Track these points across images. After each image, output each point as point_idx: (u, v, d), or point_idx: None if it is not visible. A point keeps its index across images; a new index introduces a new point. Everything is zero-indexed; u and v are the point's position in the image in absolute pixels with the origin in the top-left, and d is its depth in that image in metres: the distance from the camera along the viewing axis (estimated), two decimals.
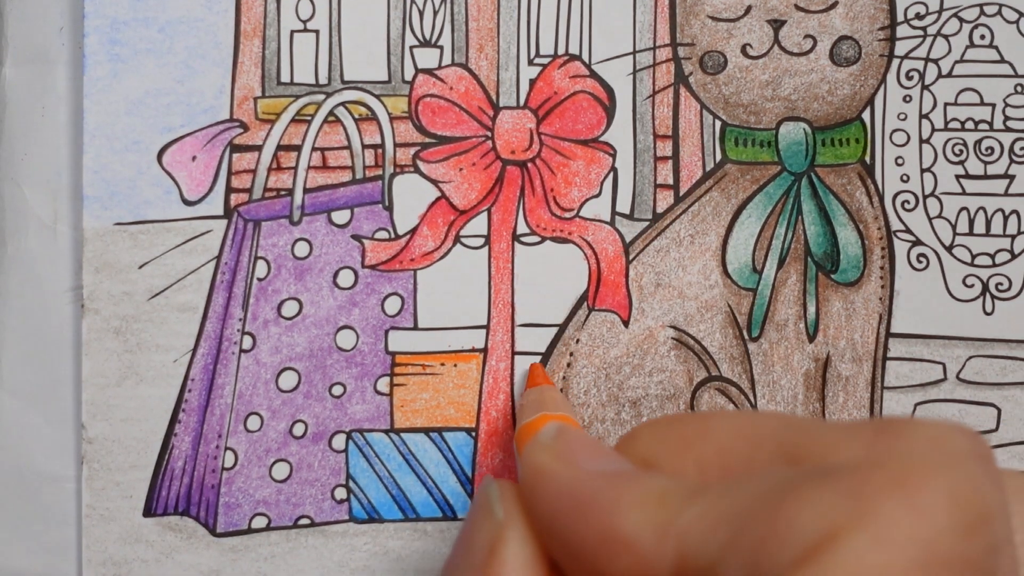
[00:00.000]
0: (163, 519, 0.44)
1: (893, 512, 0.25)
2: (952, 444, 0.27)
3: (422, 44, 0.45)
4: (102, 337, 0.43)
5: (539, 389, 0.43)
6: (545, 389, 0.43)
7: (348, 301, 0.44)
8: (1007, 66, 0.46)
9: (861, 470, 0.26)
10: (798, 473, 0.27)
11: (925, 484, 0.25)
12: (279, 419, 0.44)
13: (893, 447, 0.27)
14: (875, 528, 0.25)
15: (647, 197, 0.46)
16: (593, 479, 0.30)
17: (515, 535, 0.31)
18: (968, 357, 0.46)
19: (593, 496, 0.29)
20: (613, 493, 0.29)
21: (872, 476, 0.26)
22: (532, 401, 0.41)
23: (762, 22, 0.45)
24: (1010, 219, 0.46)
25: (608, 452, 0.32)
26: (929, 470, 0.26)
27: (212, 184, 0.44)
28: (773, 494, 0.27)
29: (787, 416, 0.31)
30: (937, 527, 0.25)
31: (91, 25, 0.43)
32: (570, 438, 0.32)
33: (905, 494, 0.25)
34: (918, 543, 0.25)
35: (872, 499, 0.25)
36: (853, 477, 0.26)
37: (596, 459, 0.31)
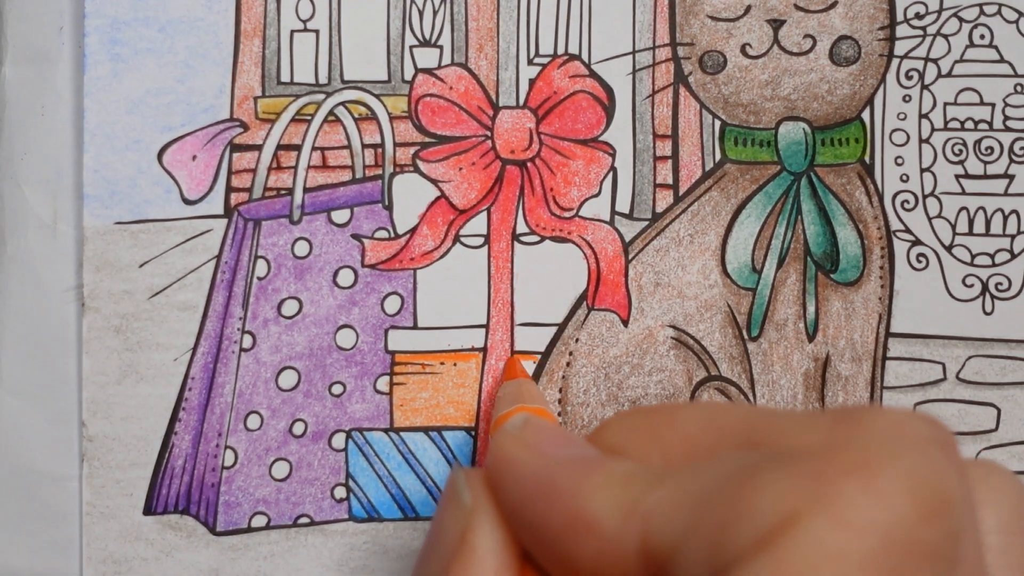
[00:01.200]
0: (163, 517, 0.44)
1: (853, 496, 0.25)
2: (913, 430, 0.27)
3: (422, 44, 0.45)
4: (102, 336, 0.43)
5: (516, 382, 0.43)
6: (522, 382, 0.43)
7: (348, 300, 0.45)
8: (1007, 66, 0.46)
9: (821, 454, 0.26)
10: (759, 457, 0.27)
11: (885, 468, 0.25)
12: (279, 418, 0.44)
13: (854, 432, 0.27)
14: (834, 511, 0.25)
15: (646, 197, 0.46)
16: (558, 465, 0.30)
17: (484, 521, 0.31)
18: (968, 357, 0.46)
19: (558, 481, 0.29)
20: (578, 477, 0.29)
21: (832, 460, 0.26)
22: (509, 394, 0.41)
23: (762, 22, 0.45)
24: (1010, 219, 0.46)
25: (575, 440, 0.32)
26: (890, 454, 0.26)
27: (212, 183, 0.44)
28: (734, 477, 0.27)
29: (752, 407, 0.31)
30: (897, 512, 0.25)
31: (91, 25, 0.43)
32: (537, 427, 0.32)
33: (865, 478, 0.25)
34: (878, 527, 0.25)
35: (832, 482, 0.25)
36: (813, 461, 0.26)
37: (562, 447, 0.31)
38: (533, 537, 0.30)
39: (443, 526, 0.32)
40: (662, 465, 0.30)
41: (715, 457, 0.28)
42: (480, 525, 0.31)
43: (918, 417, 0.28)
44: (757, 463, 0.27)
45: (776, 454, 0.27)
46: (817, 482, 0.25)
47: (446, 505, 0.32)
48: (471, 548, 0.30)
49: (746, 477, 0.26)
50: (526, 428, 0.32)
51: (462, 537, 0.31)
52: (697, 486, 0.27)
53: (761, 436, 0.29)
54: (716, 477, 0.27)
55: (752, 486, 0.26)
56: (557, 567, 0.30)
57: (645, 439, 0.31)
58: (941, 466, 0.26)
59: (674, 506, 0.27)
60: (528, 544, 0.30)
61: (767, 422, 0.29)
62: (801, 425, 0.28)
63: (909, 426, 0.27)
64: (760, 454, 0.27)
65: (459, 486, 0.32)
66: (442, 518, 0.32)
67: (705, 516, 0.26)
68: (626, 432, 0.31)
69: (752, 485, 0.26)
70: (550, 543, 0.29)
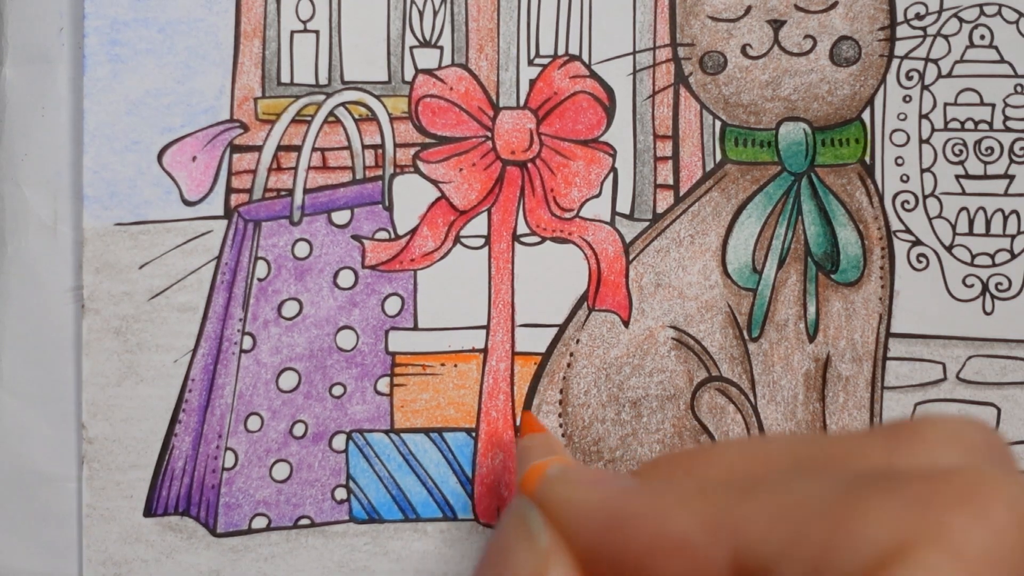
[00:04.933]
0: (163, 519, 0.44)
1: (964, 527, 0.25)
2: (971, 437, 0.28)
3: (422, 44, 0.45)
4: (102, 337, 0.43)
5: (543, 436, 0.42)
6: (548, 436, 0.42)
7: (348, 301, 0.45)
8: (1007, 66, 0.46)
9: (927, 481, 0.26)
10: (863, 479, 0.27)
11: (993, 499, 0.26)
12: (279, 419, 0.44)
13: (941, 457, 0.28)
14: (947, 542, 0.25)
15: (647, 197, 0.46)
16: (624, 494, 0.30)
17: (560, 561, 0.31)
18: (968, 357, 0.46)
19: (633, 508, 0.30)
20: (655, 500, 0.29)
21: (940, 488, 0.26)
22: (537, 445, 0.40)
23: (762, 22, 0.45)
24: (1010, 219, 0.46)
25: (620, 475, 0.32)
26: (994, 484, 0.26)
27: (212, 184, 0.44)
28: (838, 498, 0.27)
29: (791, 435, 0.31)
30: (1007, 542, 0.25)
31: (91, 25, 0.43)
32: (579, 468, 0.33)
33: (975, 509, 0.26)
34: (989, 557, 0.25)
35: (942, 512, 0.26)
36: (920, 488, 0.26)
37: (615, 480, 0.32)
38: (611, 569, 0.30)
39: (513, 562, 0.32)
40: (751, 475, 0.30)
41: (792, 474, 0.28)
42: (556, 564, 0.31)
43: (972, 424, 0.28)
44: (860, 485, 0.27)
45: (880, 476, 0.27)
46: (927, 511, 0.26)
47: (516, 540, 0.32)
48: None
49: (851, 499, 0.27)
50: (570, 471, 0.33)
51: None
52: (794, 501, 0.27)
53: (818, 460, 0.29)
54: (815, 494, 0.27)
55: (859, 511, 0.26)
56: None
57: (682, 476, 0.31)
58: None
59: (769, 520, 0.27)
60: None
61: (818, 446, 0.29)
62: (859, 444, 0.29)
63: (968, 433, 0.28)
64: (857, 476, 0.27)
65: (532, 525, 0.32)
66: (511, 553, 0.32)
67: (806, 536, 0.26)
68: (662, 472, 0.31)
69: (859, 509, 0.26)
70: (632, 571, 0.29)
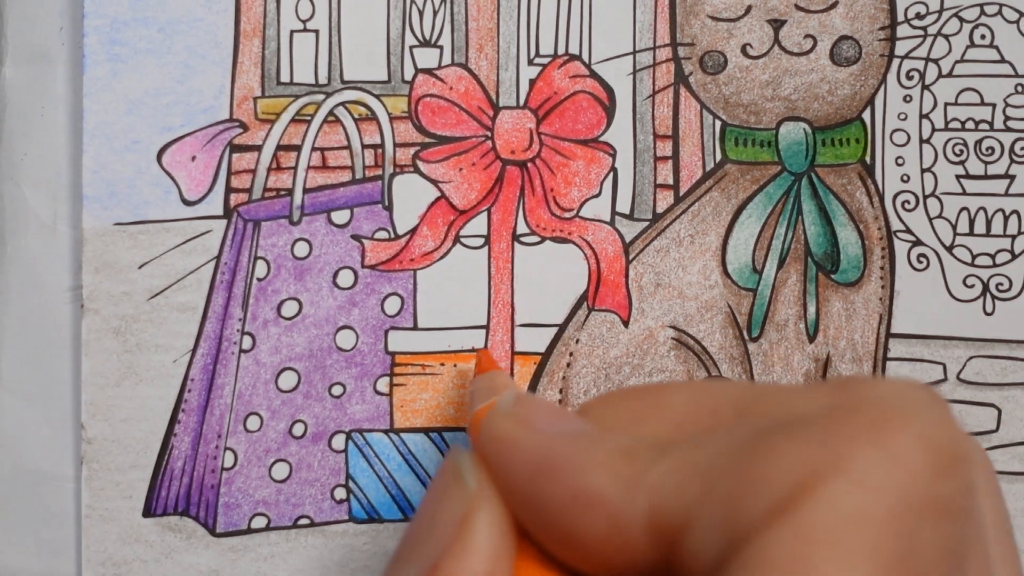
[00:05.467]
0: (163, 519, 0.44)
1: (868, 457, 0.25)
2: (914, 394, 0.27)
3: (422, 44, 0.45)
4: (102, 337, 0.43)
5: (489, 375, 0.42)
6: (496, 375, 0.42)
7: (348, 301, 0.44)
8: (1007, 66, 0.46)
9: (833, 418, 0.26)
10: (769, 424, 0.27)
11: (898, 428, 0.25)
12: (279, 419, 0.44)
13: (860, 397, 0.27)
14: (851, 475, 0.25)
15: (647, 197, 0.46)
16: (557, 441, 0.30)
17: (487, 505, 0.30)
18: (968, 357, 0.46)
19: (559, 458, 0.29)
20: (579, 452, 0.29)
21: (845, 423, 0.26)
22: (484, 387, 0.40)
23: (762, 22, 0.45)
24: (1010, 219, 0.46)
25: (568, 415, 0.32)
26: (901, 415, 0.26)
27: (212, 184, 0.44)
28: (746, 446, 0.27)
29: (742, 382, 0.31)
30: (912, 470, 0.25)
31: (91, 25, 0.43)
32: (529, 403, 0.32)
33: (880, 439, 0.25)
34: (894, 487, 0.25)
35: (846, 445, 0.25)
36: (826, 425, 0.26)
37: (557, 422, 0.31)
38: (534, 516, 0.30)
39: (441, 508, 0.31)
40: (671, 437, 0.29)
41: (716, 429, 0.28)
42: (481, 509, 0.30)
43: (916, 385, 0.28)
44: (767, 430, 0.27)
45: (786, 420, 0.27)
46: (830, 446, 0.25)
47: (445, 486, 0.32)
48: (471, 531, 0.30)
49: (758, 444, 0.26)
50: (518, 405, 0.32)
51: (463, 521, 0.30)
52: (704, 457, 0.27)
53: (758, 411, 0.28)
54: (725, 446, 0.27)
55: (765, 453, 0.26)
56: (559, 545, 0.30)
57: (631, 419, 0.30)
58: (950, 424, 0.26)
59: (683, 477, 0.27)
60: (528, 524, 0.30)
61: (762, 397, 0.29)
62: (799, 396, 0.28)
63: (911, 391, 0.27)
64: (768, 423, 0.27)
65: (463, 468, 0.31)
66: (440, 499, 0.31)
67: (716, 487, 0.26)
68: (611, 411, 0.31)
69: (765, 452, 0.26)
70: (553, 521, 0.29)
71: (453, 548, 0.30)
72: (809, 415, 0.27)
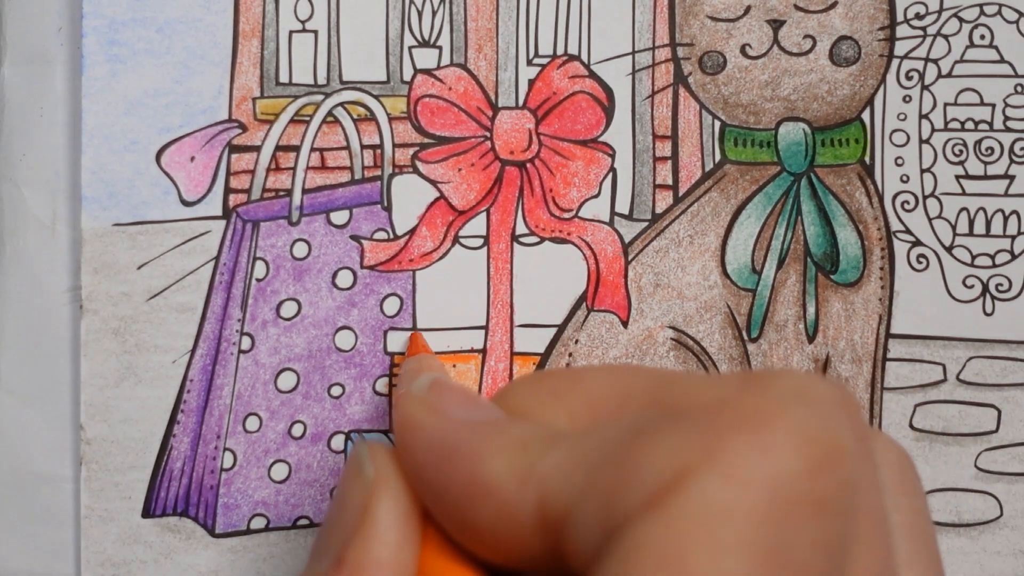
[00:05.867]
0: (162, 520, 0.44)
1: (740, 451, 0.25)
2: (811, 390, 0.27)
3: (421, 44, 0.45)
4: (101, 338, 0.43)
5: (417, 358, 0.42)
6: (424, 357, 0.42)
7: (347, 302, 0.44)
8: (1007, 66, 0.46)
9: (713, 410, 0.26)
10: (651, 416, 0.27)
11: (772, 422, 0.25)
12: (278, 420, 0.44)
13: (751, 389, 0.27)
14: (721, 467, 0.25)
15: (646, 197, 0.46)
16: (460, 428, 0.30)
17: (387, 493, 0.30)
18: (968, 358, 0.46)
19: (460, 445, 0.29)
20: (478, 441, 0.29)
21: (720, 416, 0.26)
22: (411, 369, 0.40)
23: (761, 22, 0.45)
24: (1010, 219, 0.46)
25: (481, 402, 0.32)
26: (777, 409, 0.25)
27: (211, 185, 0.44)
28: (628, 436, 0.26)
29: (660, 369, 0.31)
30: (785, 465, 0.25)
31: (89, 25, 0.43)
32: (443, 388, 0.32)
33: (752, 433, 0.25)
34: (766, 481, 0.24)
35: (721, 438, 0.25)
36: (705, 417, 0.26)
37: (467, 408, 0.31)
38: (435, 502, 0.30)
39: (345, 498, 0.31)
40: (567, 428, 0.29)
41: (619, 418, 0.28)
42: (382, 497, 0.30)
43: (820, 379, 0.28)
44: (648, 422, 0.26)
45: (667, 413, 0.27)
46: (706, 438, 0.25)
47: (348, 477, 0.32)
48: (373, 520, 0.30)
49: (638, 436, 0.26)
50: (432, 390, 0.32)
51: (364, 509, 0.30)
52: (591, 448, 0.27)
53: (666, 399, 0.28)
54: (610, 438, 0.27)
55: (642, 445, 0.26)
56: (458, 531, 0.30)
57: (549, 403, 0.30)
58: (831, 420, 0.26)
59: (568, 469, 0.27)
60: (432, 509, 0.30)
61: (673, 385, 0.29)
62: (707, 386, 0.28)
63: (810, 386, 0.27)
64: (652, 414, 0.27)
65: (361, 458, 0.32)
66: (344, 490, 0.31)
67: (597, 477, 0.26)
68: (529, 395, 0.31)
69: (642, 444, 0.26)
70: (452, 508, 0.29)
71: (355, 537, 0.30)
72: (695, 406, 0.27)
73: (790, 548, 0.24)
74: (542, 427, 0.29)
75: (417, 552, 0.30)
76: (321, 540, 0.32)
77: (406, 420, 0.31)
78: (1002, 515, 0.46)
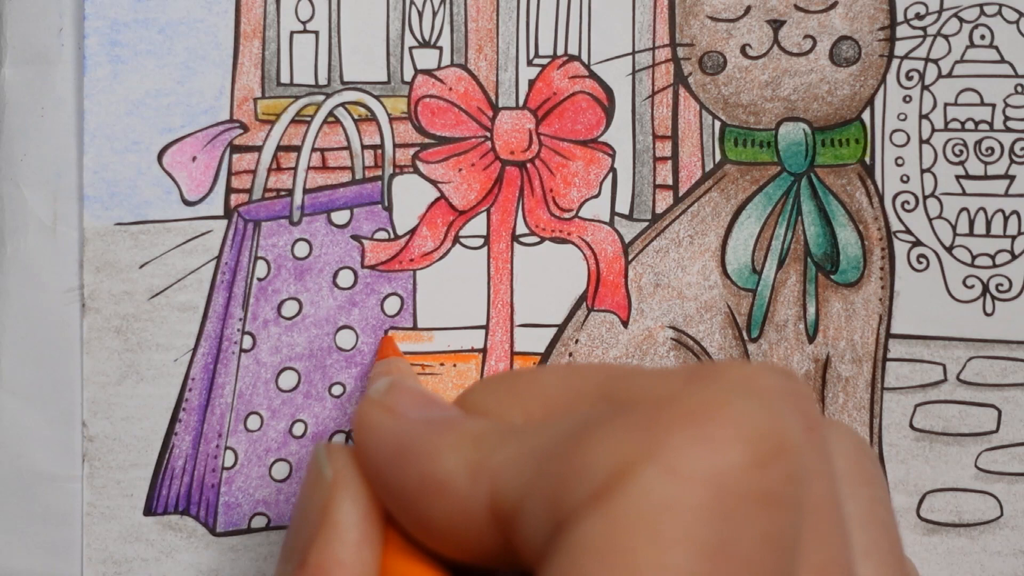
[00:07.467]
0: (163, 518, 0.44)
1: (682, 445, 0.25)
2: (758, 381, 0.27)
3: (421, 45, 0.45)
4: (103, 336, 0.43)
5: (387, 361, 0.42)
6: (394, 360, 0.42)
7: (348, 301, 0.45)
8: (1007, 66, 0.46)
9: (655, 405, 0.26)
10: (599, 411, 0.27)
11: (715, 416, 0.25)
12: (279, 419, 0.44)
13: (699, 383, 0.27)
14: (664, 461, 0.24)
15: (646, 198, 0.46)
16: (416, 426, 0.30)
17: (347, 494, 0.30)
18: (968, 358, 0.46)
19: (413, 443, 0.29)
20: (432, 438, 0.29)
21: (664, 410, 0.25)
22: (379, 372, 0.40)
23: (761, 22, 0.45)
24: (1010, 220, 0.46)
25: (439, 402, 0.32)
26: (720, 403, 0.25)
27: (212, 184, 0.44)
28: (576, 431, 0.26)
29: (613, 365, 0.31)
30: (727, 459, 0.25)
31: (91, 26, 0.43)
32: (400, 390, 0.32)
33: (694, 427, 0.25)
34: (708, 475, 0.24)
35: (664, 433, 0.25)
36: (647, 412, 0.26)
37: (423, 408, 0.31)
38: (393, 501, 0.30)
39: (306, 501, 0.31)
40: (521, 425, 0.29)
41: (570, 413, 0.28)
42: (341, 499, 0.30)
43: (771, 369, 0.28)
44: (595, 417, 0.27)
45: (613, 408, 0.27)
46: (649, 433, 0.25)
47: (308, 480, 0.32)
48: (332, 521, 0.30)
49: (585, 430, 0.26)
50: (390, 392, 0.32)
51: (324, 510, 0.30)
52: (540, 442, 0.27)
53: (616, 395, 0.28)
54: (559, 432, 0.27)
55: (587, 439, 0.26)
56: (416, 529, 0.30)
57: (506, 401, 0.30)
58: (776, 412, 0.26)
59: (518, 463, 0.27)
60: (390, 508, 0.30)
61: (623, 381, 0.29)
62: (656, 381, 0.28)
63: (756, 378, 0.27)
64: (599, 409, 0.27)
65: (320, 460, 0.32)
66: (304, 493, 0.32)
67: (545, 471, 0.26)
68: (488, 395, 0.31)
69: (587, 438, 0.26)
70: (407, 505, 0.29)
71: (317, 539, 0.30)
72: (641, 401, 0.27)
73: (735, 542, 0.24)
74: (496, 423, 0.29)
75: (379, 552, 0.30)
76: (287, 543, 0.32)
77: (362, 421, 0.31)
78: (1002, 515, 0.46)
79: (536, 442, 0.27)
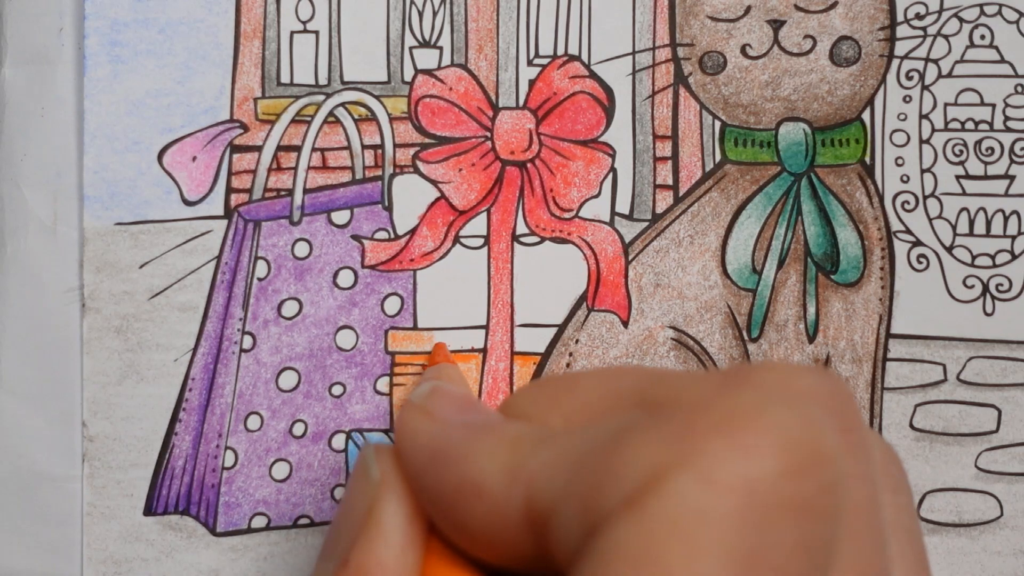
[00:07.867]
0: (163, 518, 0.44)
1: (717, 452, 0.24)
2: (795, 385, 0.27)
3: (422, 45, 0.45)
4: (103, 336, 0.43)
5: (436, 367, 0.42)
6: (443, 367, 0.42)
7: (348, 301, 0.45)
8: (1007, 66, 0.46)
9: (690, 411, 0.26)
10: (636, 416, 0.27)
11: (751, 423, 0.25)
12: (279, 419, 0.44)
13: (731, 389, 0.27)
14: (698, 468, 0.24)
15: (646, 197, 0.46)
16: (454, 431, 0.30)
17: (392, 496, 0.31)
18: (968, 358, 0.46)
19: (451, 447, 0.30)
20: (469, 442, 0.29)
21: (700, 416, 0.25)
22: (427, 378, 0.40)
23: (762, 22, 0.45)
24: (1010, 220, 0.46)
25: (480, 407, 0.32)
26: (756, 409, 0.25)
27: (212, 184, 0.44)
28: (611, 435, 0.26)
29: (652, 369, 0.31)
30: (762, 467, 0.24)
31: (91, 26, 0.43)
32: (442, 394, 0.32)
33: (730, 434, 0.25)
34: (742, 483, 0.24)
35: (699, 439, 0.25)
36: (682, 417, 0.26)
37: (463, 413, 0.31)
38: (431, 504, 0.30)
39: (352, 501, 0.32)
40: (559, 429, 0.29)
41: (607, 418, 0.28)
42: (387, 499, 0.31)
43: (809, 371, 0.27)
44: (631, 422, 0.26)
45: (652, 413, 0.27)
46: (683, 439, 0.25)
47: (355, 480, 0.32)
48: (377, 522, 0.30)
49: (620, 435, 0.26)
50: (430, 396, 0.32)
51: (369, 511, 0.31)
52: (576, 447, 0.27)
53: (654, 398, 0.28)
54: (595, 437, 0.27)
55: (622, 445, 0.26)
56: (453, 533, 0.30)
57: (546, 406, 0.30)
58: (812, 419, 0.25)
59: (554, 468, 0.27)
60: (430, 512, 0.30)
61: (660, 384, 0.29)
62: (692, 385, 0.28)
63: (794, 381, 0.27)
64: (639, 413, 0.27)
65: (368, 461, 0.32)
66: (351, 493, 0.32)
67: (580, 476, 0.26)
68: (529, 400, 0.31)
69: (622, 444, 0.26)
70: (446, 510, 0.29)
71: (360, 539, 0.30)
72: (677, 405, 0.27)
73: (768, 551, 0.24)
74: (533, 428, 0.29)
75: (421, 555, 0.30)
76: (329, 541, 0.32)
77: (402, 425, 0.31)
78: (1002, 515, 0.46)
79: (572, 447, 0.27)
